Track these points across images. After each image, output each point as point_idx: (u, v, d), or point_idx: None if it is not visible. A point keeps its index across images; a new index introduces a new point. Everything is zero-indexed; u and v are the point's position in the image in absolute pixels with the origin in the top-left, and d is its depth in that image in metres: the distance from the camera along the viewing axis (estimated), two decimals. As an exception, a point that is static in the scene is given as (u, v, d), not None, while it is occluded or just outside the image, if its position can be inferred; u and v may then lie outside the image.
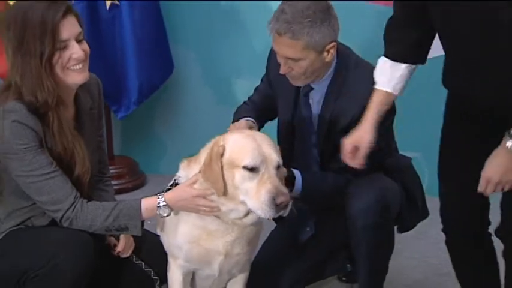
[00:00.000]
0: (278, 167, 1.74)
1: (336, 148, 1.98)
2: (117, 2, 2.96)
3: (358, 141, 1.83)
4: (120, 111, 3.12)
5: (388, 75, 1.79)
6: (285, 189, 1.71)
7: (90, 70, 2.18)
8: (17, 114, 1.82)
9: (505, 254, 1.85)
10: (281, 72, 2.01)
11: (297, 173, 2.02)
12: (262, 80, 2.28)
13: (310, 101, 2.10)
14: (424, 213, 2.20)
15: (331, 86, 2.04)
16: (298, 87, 2.11)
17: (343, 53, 2.06)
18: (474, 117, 1.77)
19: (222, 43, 3.24)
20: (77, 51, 1.86)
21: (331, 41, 1.92)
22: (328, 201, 2.10)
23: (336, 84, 2.03)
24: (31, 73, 1.86)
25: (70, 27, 1.83)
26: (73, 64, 1.87)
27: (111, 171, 2.57)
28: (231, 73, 3.24)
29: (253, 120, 2.13)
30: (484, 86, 1.69)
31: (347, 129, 1.95)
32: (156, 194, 1.91)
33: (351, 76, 2.02)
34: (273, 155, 1.73)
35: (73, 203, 1.89)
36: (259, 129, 2.17)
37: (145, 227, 2.01)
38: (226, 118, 2.52)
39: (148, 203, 1.88)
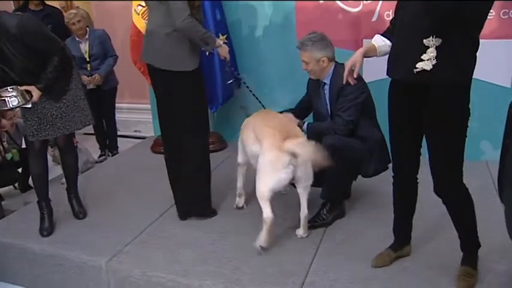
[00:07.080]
0: None
1: (336, 111, 2.72)
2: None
3: (354, 62, 2.22)
4: (212, 108, 4.12)
5: (380, 40, 2.24)
6: None
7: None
8: None
9: (447, 208, 2.14)
10: (303, 68, 2.77)
11: (306, 124, 2.76)
12: (305, 95, 3.06)
13: (325, 90, 2.87)
14: (383, 167, 2.82)
15: (331, 80, 2.79)
16: (320, 88, 2.85)
17: (336, 65, 2.81)
18: (405, 92, 2.04)
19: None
20: None
21: (323, 56, 2.73)
22: (320, 136, 2.67)
23: (334, 78, 2.78)
24: None
25: None
26: None
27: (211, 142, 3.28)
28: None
29: (296, 111, 2.92)
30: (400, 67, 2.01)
31: (338, 100, 2.69)
32: None
33: (338, 75, 2.68)
34: None
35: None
36: (303, 118, 2.93)
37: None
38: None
39: None
